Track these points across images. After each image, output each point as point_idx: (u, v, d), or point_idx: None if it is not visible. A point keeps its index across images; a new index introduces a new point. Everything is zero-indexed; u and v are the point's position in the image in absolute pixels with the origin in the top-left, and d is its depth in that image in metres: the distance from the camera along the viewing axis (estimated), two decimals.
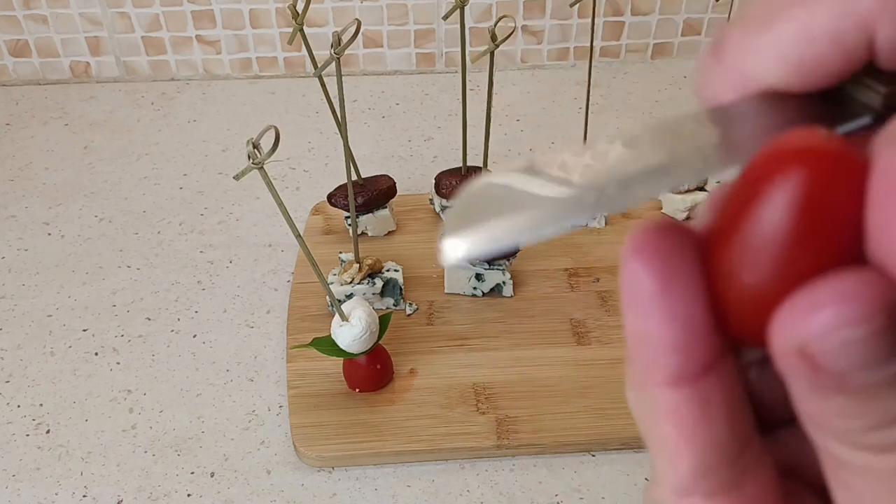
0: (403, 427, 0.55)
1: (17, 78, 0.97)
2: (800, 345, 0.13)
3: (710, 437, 0.16)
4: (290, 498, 0.53)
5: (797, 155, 0.14)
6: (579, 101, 0.93)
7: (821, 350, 0.13)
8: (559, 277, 0.67)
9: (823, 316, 0.13)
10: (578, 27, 0.97)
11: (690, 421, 0.16)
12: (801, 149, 0.14)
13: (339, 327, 0.55)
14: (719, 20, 0.97)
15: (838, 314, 0.13)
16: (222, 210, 0.77)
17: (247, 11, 0.94)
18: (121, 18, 0.94)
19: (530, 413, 0.56)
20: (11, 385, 0.60)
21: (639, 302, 0.15)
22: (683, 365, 0.15)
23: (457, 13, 0.59)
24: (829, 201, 0.14)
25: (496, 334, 0.62)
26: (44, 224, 0.76)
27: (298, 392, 0.58)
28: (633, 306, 0.15)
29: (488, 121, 0.58)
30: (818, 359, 0.13)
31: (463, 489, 0.53)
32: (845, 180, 0.14)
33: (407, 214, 0.74)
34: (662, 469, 0.17)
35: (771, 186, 0.14)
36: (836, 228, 0.14)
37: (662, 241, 0.15)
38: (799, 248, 0.14)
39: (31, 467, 0.55)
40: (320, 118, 0.90)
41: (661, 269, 0.15)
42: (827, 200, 0.14)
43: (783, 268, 0.14)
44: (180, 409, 0.58)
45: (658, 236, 0.15)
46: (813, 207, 0.14)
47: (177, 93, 0.96)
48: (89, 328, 0.65)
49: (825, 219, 0.14)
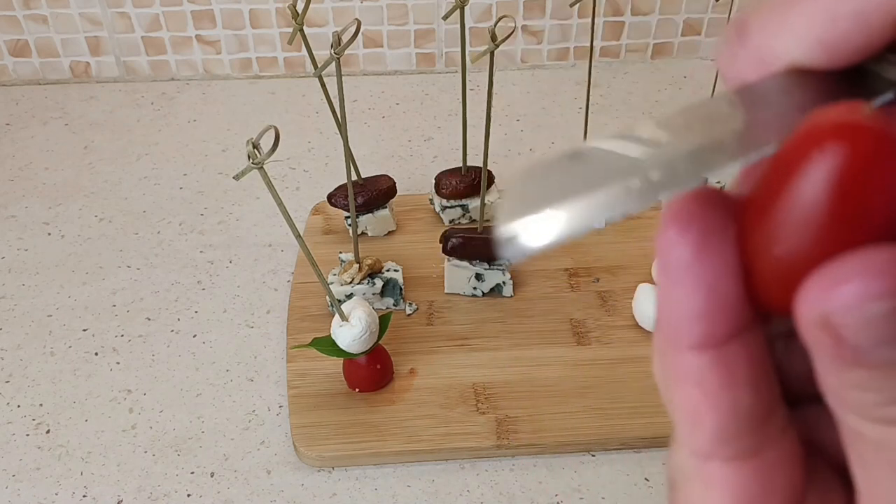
0: (403, 427, 0.55)
1: (17, 78, 0.97)
2: (824, 317, 0.14)
3: (733, 402, 0.16)
4: (290, 498, 0.53)
5: (837, 130, 0.14)
6: (579, 101, 0.92)
7: (844, 323, 0.13)
8: (559, 277, 0.67)
9: (848, 289, 0.13)
10: (578, 27, 0.97)
11: (714, 386, 0.16)
12: (841, 124, 0.14)
13: (339, 327, 0.55)
14: (719, 20, 0.97)
15: (863, 288, 0.13)
16: (222, 210, 0.77)
17: (247, 11, 0.94)
18: (121, 18, 0.93)
19: (530, 413, 0.56)
20: (11, 385, 0.60)
21: (672, 269, 0.16)
22: (710, 331, 0.16)
23: (457, 13, 0.59)
24: (867, 177, 0.14)
25: (496, 334, 0.62)
26: (44, 224, 0.76)
27: (298, 392, 0.58)
28: (667, 273, 0.16)
29: (488, 121, 0.58)
30: (841, 331, 0.13)
31: (463, 489, 0.53)
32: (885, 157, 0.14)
33: (407, 214, 0.74)
34: (684, 434, 0.17)
35: (810, 161, 0.14)
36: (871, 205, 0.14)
37: (699, 211, 0.16)
38: (833, 224, 0.14)
39: (31, 467, 0.55)
40: (320, 118, 0.90)
41: (696, 239, 0.15)
42: (865, 176, 0.14)
43: (816, 242, 0.14)
44: (180, 409, 0.58)
45: (696, 205, 0.16)
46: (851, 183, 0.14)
47: (177, 93, 0.96)
48: (89, 328, 0.65)
49: (862, 195, 0.14)
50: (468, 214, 0.72)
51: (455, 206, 0.72)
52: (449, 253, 0.63)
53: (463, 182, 0.70)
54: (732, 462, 0.16)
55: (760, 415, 0.16)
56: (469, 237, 0.62)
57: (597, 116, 0.89)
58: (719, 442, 0.16)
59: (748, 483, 0.16)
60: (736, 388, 0.16)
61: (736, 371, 0.16)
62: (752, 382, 0.16)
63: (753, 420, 0.16)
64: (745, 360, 0.16)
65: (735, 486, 0.16)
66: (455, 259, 0.64)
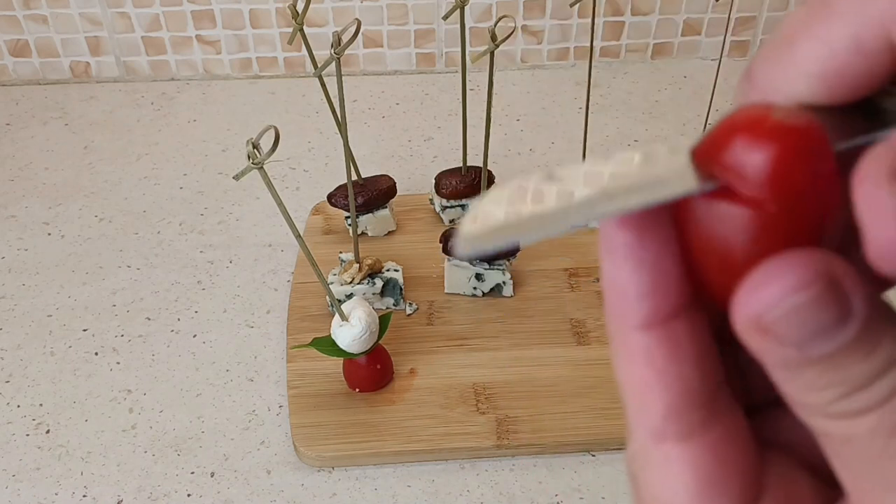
0: (403, 427, 0.55)
1: (17, 78, 0.97)
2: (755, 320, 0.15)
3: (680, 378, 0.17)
4: (290, 498, 0.53)
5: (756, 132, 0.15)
6: (579, 101, 0.92)
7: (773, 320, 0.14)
8: (559, 277, 0.67)
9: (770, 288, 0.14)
10: (578, 27, 0.97)
11: (661, 362, 0.17)
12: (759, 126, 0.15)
13: (339, 327, 0.55)
14: (719, 20, 0.97)
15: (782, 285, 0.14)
16: (222, 210, 0.77)
17: (247, 11, 0.94)
18: (121, 18, 0.93)
19: (530, 413, 0.56)
20: (11, 385, 0.60)
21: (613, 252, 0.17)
22: (652, 308, 0.17)
23: (457, 13, 0.59)
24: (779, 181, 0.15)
25: (496, 334, 0.62)
26: (44, 224, 0.76)
27: (298, 392, 0.58)
28: (609, 256, 0.17)
29: (488, 121, 0.58)
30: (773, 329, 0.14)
31: (463, 489, 0.53)
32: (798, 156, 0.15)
33: (407, 214, 0.74)
34: (637, 417, 0.18)
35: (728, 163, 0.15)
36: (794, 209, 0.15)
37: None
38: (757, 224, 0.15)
39: (31, 467, 0.55)
40: (320, 118, 0.90)
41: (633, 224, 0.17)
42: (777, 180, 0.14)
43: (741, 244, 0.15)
44: (180, 409, 0.58)
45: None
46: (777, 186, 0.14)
47: (177, 93, 0.96)
48: (89, 328, 0.65)
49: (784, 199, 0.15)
50: None
51: (455, 206, 0.72)
52: (449, 253, 0.63)
53: (463, 182, 0.70)
54: (685, 441, 0.17)
55: (707, 391, 0.17)
56: None
57: (597, 116, 0.89)
58: (670, 418, 0.17)
59: (703, 459, 0.17)
60: (683, 363, 0.17)
61: (681, 347, 0.17)
62: (696, 359, 0.17)
63: (701, 395, 0.17)
64: (688, 338, 0.17)
65: (691, 463, 0.17)
66: (455, 259, 0.64)
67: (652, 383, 0.17)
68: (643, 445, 0.18)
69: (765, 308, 0.14)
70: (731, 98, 0.18)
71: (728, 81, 0.95)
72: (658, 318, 0.17)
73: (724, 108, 0.90)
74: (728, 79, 0.95)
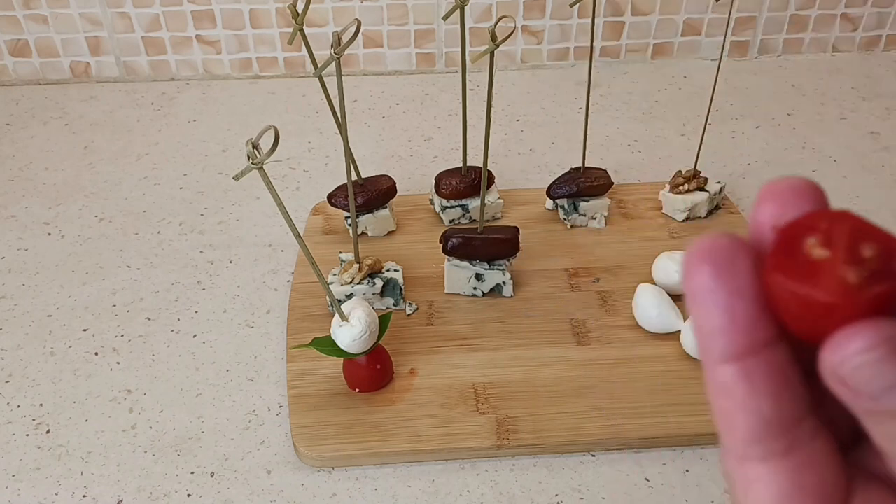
0: (403, 427, 0.55)
1: (17, 78, 0.97)
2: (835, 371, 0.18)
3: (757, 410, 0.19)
4: (290, 498, 0.53)
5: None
6: (579, 101, 0.93)
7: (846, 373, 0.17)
8: (559, 277, 0.67)
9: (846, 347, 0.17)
10: (578, 27, 0.97)
11: (740, 395, 0.19)
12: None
13: (339, 327, 0.55)
14: (719, 20, 0.97)
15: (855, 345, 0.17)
16: (222, 210, 0.77)
17: (247, 11, 0.94)
18: (121, 18, 0.94)
19: (530, 413, 0.56)
20: (11, 385, 0.60)
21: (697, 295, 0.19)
22: (730, 345, 0.19)
23: (457, 13, 0.59)
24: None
25: (496, 334, 0.62)
26: (44, 224, 0.76)
27: (298, 392, 0.58)
28: (692, 296, 0.19)
29: (488, 121, 0.58)
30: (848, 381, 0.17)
31: (463, 489, 0.53)
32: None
33: (407, 214, 0.74)
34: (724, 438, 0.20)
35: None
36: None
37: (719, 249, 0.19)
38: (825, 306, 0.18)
39: (31, 467, 0.55)
40: (320, 118, 0.90)
41: (714, 270, 0.19)
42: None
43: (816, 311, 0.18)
44: (180, 409, 0.58)
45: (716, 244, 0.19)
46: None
47: (177, 93, 0.96)
48: (89, 328, 0.65)
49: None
50: (468, 214, 0.72)
51: (455, 206, 0.72)
52: (449, 253, 0.63)
53: (463, 182, 0.70)
54: (766, 462, 0.19)
55: (785, 421, 0.19)
56: (469, 237, 0.62)
57: (597, 116, 0.89)
58: (749, 444, 0.19)
59: (781, 479, 0.19)
60: (758, 397, 0.19)
61: (756, 382, 0.19)
62: (773, 393, 0.19)
63: (779, 425, 0.19)
64: (764, 374, 0.19)
65: (769, 483, 0.19)
66: (455, 259, 0.64)
67: (733, 413, 0.19)
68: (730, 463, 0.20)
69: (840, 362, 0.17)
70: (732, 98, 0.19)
71: (728, 81, 0.95)
72: (734, 356, 0.19)
73: (724, 108, 0.90)
74: (728, 79, 0.95)
